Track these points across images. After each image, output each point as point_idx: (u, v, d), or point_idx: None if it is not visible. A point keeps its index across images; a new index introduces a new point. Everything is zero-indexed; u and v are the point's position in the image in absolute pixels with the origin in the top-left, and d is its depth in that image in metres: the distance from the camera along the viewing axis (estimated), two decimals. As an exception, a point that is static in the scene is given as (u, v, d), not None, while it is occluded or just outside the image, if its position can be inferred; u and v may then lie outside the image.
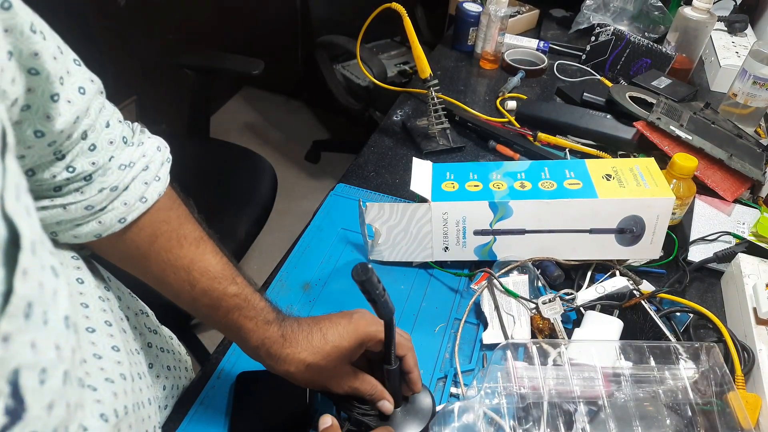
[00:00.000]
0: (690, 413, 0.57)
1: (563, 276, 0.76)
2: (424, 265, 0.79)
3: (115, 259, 0.50)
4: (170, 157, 0.51)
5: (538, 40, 1.36)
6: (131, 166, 0.46)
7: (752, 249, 0.80)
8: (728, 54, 1.30)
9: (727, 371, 0.59)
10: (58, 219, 0.44)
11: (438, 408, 0.60)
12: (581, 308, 0.71)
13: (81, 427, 0.37)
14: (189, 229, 0.50)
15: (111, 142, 0.45)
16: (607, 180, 0.73)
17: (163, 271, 0.49)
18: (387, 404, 0.54)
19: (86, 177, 0.44)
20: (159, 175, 0.48)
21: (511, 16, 1.40)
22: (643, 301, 0.70)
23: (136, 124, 0.49)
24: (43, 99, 0.38)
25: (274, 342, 0.51)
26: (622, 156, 1.01)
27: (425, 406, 0.58)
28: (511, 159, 1.01)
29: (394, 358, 0.52)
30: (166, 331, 0.68)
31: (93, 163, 0.44)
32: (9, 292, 0.22)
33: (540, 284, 0.75)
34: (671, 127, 0.95)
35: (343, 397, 0.55)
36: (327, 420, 0.51)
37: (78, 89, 0.41)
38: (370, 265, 0.43)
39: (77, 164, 0.43)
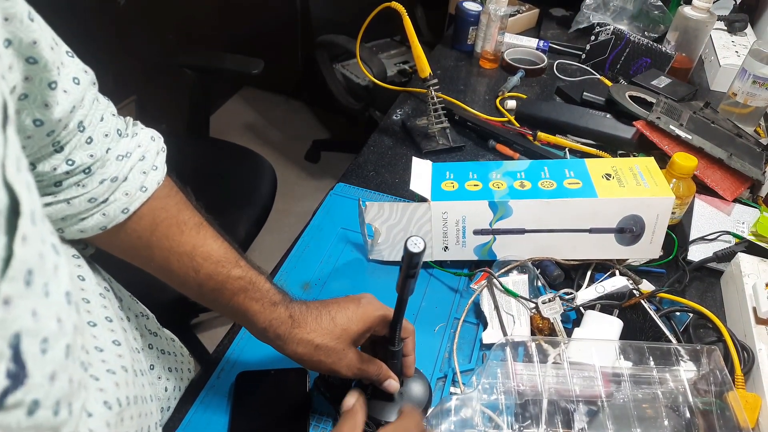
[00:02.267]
0: (689, 414, 0.57)
1: (563, 275, 0.76)
2: (424, 265, 0.79)
3: (119, 251, 0.50)
4: (164, 147, 0.51)
5: (537, 40, 1.36)
6: (128, 157, 0.47)
7: (752, 248, 0.79)
8: (728, 53, 1.30)
9: (727, 373, 0.59)
10: (63, 214, 0.45)
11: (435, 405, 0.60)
12: (581, 308, 0.71)
13: (85, 412, 0.38)
14: (188, 215, 0.50)
15: (106, 135, 0.46)
16: (607, 179, 0.73)
17: (166, 259, 0.49)
18: (393, 383, 0.56)
19: (85, 170, 0.45)
20: (156, 164, 0.49)
21: (511, 16, 1.40)
22: (642, 301, 0.70)
23: (128, 117, 0.50)
24: (41, 87, 0.39)
25: (282, 323, 0.51)
26: (621, 155, 1.01)
27: (422, 390, 0.60)
28: (510, 158, 1.01)
29: (398, 340, 0.53)
30: (167, 333, 0.68)
31: (91, 156, 0.44)
32: (9, 257, 0.22)
33: (540, 284, 0.75)
34: (671, 127, 0.95)
35: (340, 395, 0.56)
36: (350, 400, 0.52)
37: (72, 79, 0.42)
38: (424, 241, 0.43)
39: (76, 157, 0.44)
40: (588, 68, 1.32)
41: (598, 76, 1.29)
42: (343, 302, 0.54)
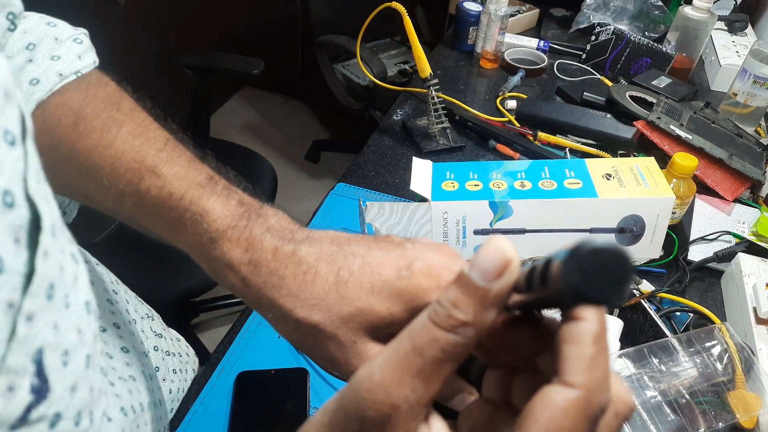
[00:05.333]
0: (690, 412, 0.57)
1: (563, 275, 0.76)
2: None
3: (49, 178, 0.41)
4: (80, 37, 0.41)
5: (538, 40, 1.36)
6: None
7: (752, 248, 0.80)
8: (728, 53, 1.30)
9: (728, 371, 0.59)
10: None
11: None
12: (581, 308, 0.71)
13: (105, 417, 0.37)
14: (94, 109, 0.36)
15: None
16: (607, 179, 0.73)
17: (79, 182, 0.36)
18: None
19: None
20: (57, 53, 0.38)
21: (511, 16, 1.40)
22: (643, 301, 0.70)
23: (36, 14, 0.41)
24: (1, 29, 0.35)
25: (229, 270, 0.32)
26: (622, 155, 1.01)
27: None
28: (511, 158, 1.01)
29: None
30: (173, 333, 0.67)
31: None
32: (31, 272, 0.22)
33: (540, 284, 0.75)
34: (671, 127, 0.95)
35: None
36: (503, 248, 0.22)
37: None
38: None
39: None
40: (588, 68, 1.32)
41: (599, 76, 1.29)
42: (374, 255, 0.30)
